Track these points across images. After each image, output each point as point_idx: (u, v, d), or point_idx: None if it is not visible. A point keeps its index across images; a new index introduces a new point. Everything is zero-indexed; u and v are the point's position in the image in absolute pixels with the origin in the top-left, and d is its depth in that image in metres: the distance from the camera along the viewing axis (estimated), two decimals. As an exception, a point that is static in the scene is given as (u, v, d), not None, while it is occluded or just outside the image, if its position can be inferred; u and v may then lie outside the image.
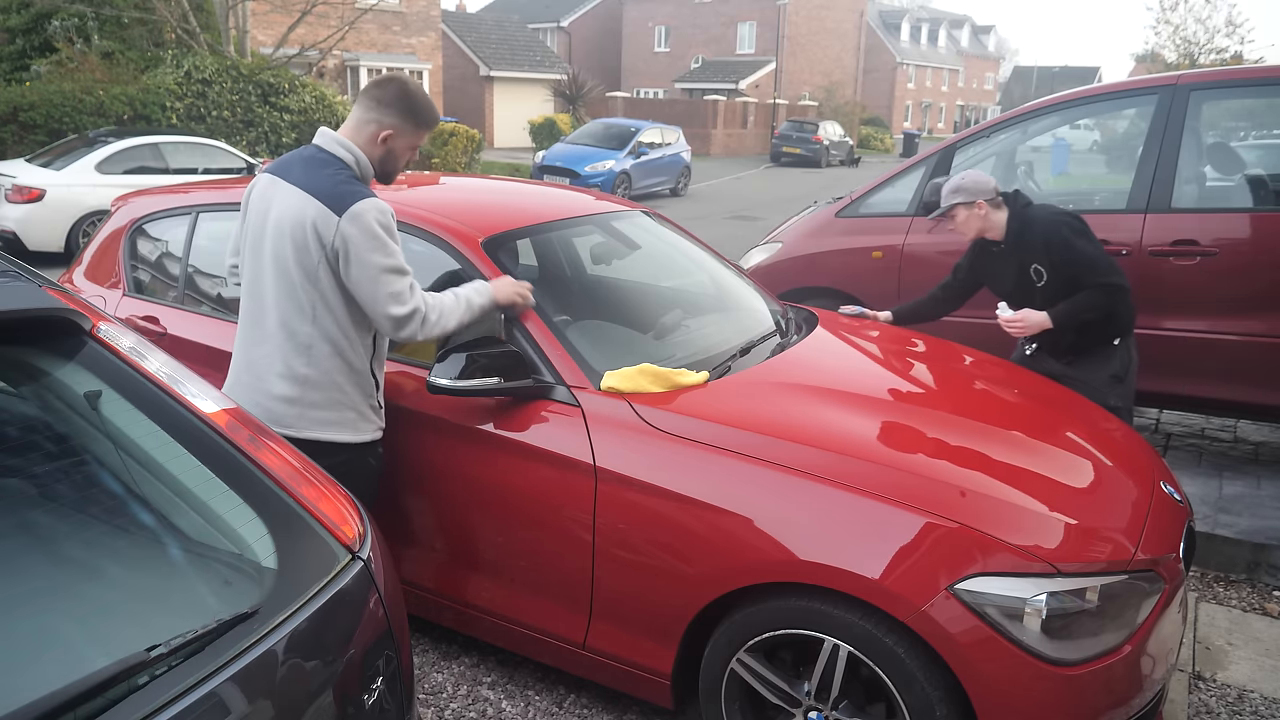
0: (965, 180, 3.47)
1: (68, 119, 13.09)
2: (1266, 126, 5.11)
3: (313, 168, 2.38)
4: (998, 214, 3.48)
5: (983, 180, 3.47)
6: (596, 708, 2.72)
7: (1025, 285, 3.47)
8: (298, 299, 2.36)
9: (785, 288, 4.94)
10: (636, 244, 3.61)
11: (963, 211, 3.49)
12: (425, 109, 2.46)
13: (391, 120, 2.41)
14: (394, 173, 2.51)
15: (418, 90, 2.46)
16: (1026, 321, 3.40)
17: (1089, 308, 3.33)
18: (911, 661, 2.04)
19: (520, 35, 36.11)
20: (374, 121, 2.41)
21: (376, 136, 2.41)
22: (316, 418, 2.39)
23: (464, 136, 20.56)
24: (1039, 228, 3.39)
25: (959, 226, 3.55)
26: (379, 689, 1.46)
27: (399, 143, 2.44)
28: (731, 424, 2.38)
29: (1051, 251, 3.37)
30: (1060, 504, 2.26)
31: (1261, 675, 3.00)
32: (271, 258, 2.38)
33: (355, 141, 2.42)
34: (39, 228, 9.55)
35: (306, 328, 2.37)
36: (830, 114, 39.10)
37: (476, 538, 2.67)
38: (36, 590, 1.20)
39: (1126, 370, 3.47)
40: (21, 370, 1.49)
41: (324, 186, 2.32)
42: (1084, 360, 3.47)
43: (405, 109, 2.42)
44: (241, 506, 1.44)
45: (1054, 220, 3.40)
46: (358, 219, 2.27)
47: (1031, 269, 3.43)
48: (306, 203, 2.31)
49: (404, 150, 2.47)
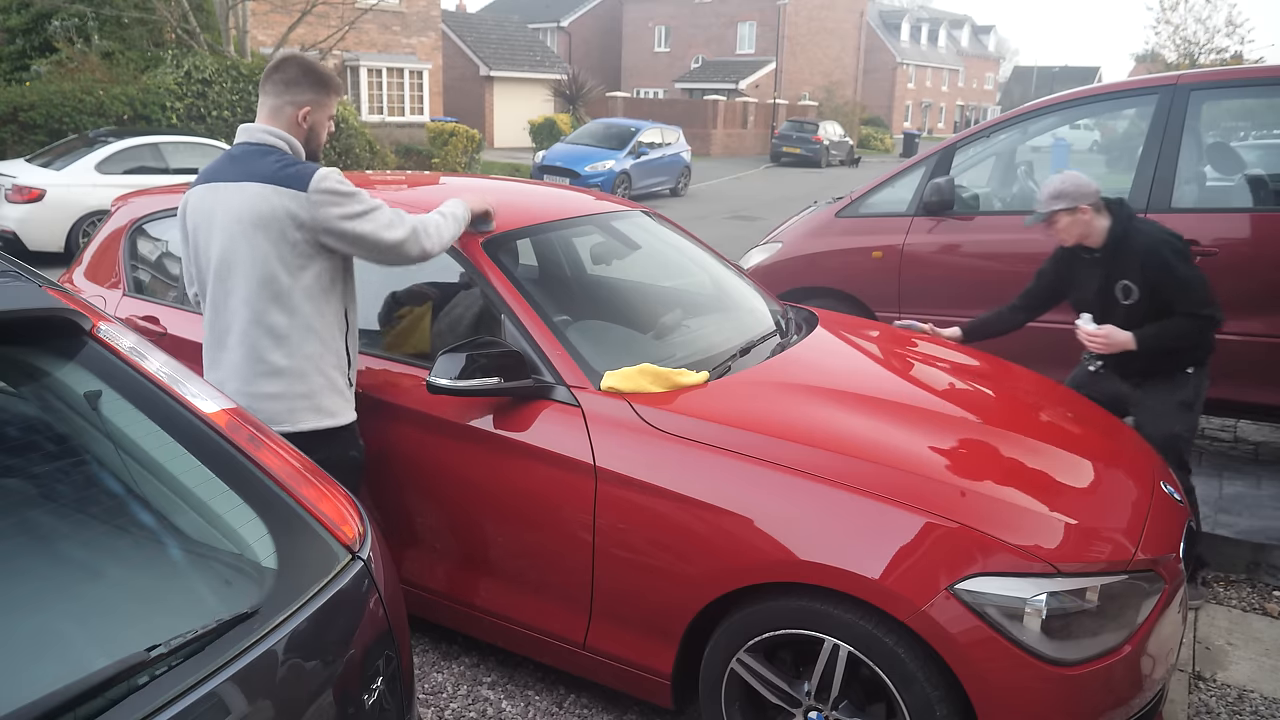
0: (1066, 184, 3.22)
1: (68, 119, 13.09)
2: (1266, 126, 5.12)
3: (252, 160, 2.35)
4: (1100, 219, 3.25)
5: (1085, 183, 3.22)
6: (596, 708, 2.72)
7: (1109, 300, 3.27)
8: (272, 290, 2.32)
9: (785, 288, 4.94)
10: (636, 244, 3.61)
11: (1065, 218, 3.25)
12: (328, 75, 2.48)
13: (306, 96, 2.41)
14: (319, 148, 2.50)
15: (315, 60, 2.49)
16: (1110, 340, 3.19)
17: (1179, 335, 3.15)
18: (911, 661, 2.04)
19: (520, 35, 36.10)
20: (289, 104, 2.40)
21: (296, 117, 2.41)
22: (304, 406, 2.38)
23: (464, 136, 20.58)
24: (1140, 242, 3.18)
25: (1059, 233, 3.32)
26: (379, 689, 1.46)
27: (317, 116, 2.45)
28: (731, 424, 2.38)
29: (1148, 271, 3.16)
30: (1060, 504, 2.26)
31: (1261, 675, 3.00)
32: (234, 258, 2.33)
33: (280, 128, 2.41)
34: (39, 228, 9.55)
35: (283, 319, 2.34)
36: (830, 114, 39.10)
37: (476, 538, 2.67)
38: (36, 590, 1.20)
39: (1195, 399, 3.27)
40: (21, 370, 1.49)
41: (274, 172, 2.30)
42: (1153, 384, 3.29)
43: (314, 81, 2.42)
44: (241, 506, 1.44)
45: (1157, 238, 3.18)
46: (322, 185, 2.28)
47: (1120, 285, 3.23)
48: (268, 192, 2.29)
49: (323, 123, 2.48)
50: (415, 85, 24.28)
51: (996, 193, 5.19)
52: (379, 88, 23.42)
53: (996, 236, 4.71)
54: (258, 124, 2.42)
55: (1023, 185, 5.19)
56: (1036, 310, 3.61)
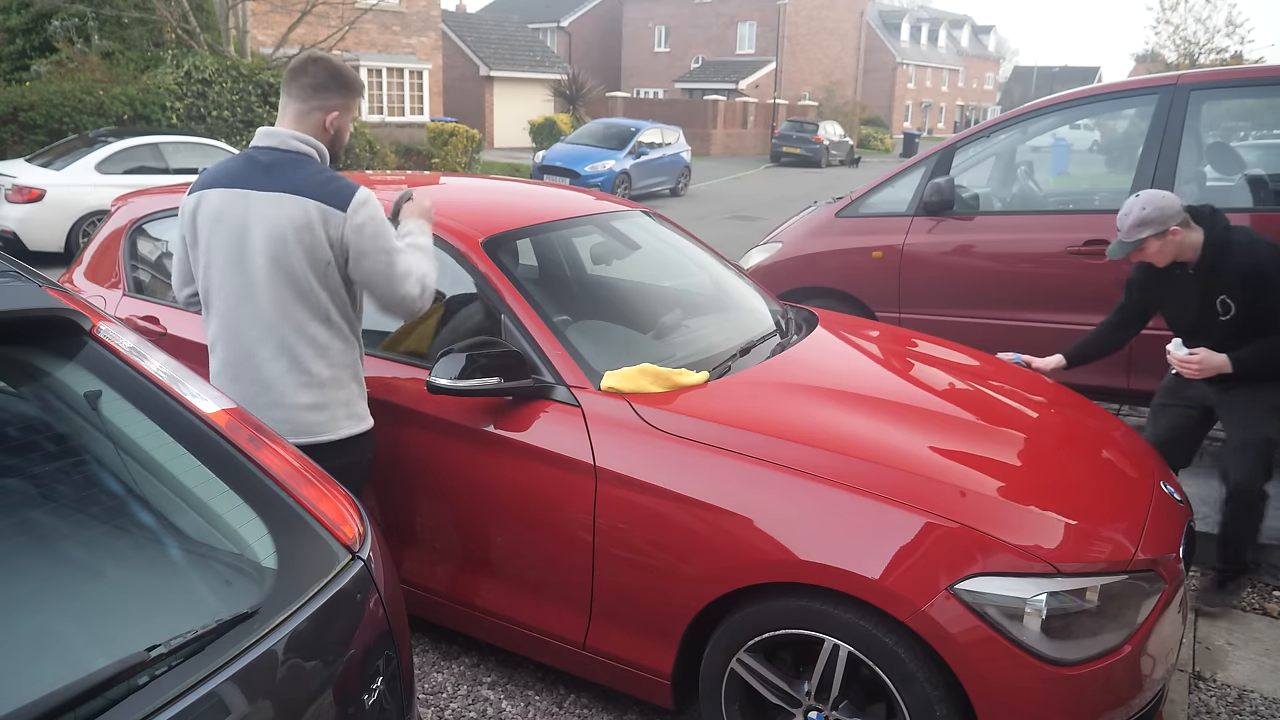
0: (1149, 209, 3.07)
1: (68, 119, 13.08)
2: (1266, 126, 5.12)
3: (289, 169, 2.29)
4: (1192, 235, 3.11)
5: (1169, 202, 3.08)
6: (596, 708, 2.72)
7: (1208, 315, 3.15)
8: (312, 303, 2.31)
9: (785, 288, 4.94)
10: (636, 244, 3.61)
11: (1155, 243, 3.10)
12: (354, 78, 2.43)
13: (334, 100, 2.36)
14: (340, 152, 2.48)
15: (339, 62, 2.42)
16: (1205, 365, 3.10)
17: (1276, 353, 3.03)
18: (911, 661, 2.04)
19: (520, 35, 36.11)
20: (317, 109, 2.34)
21: (324, 122, 2.36)
22: (343, 414, 2.39)
23: (464, 136, 20.59)
24: (1240, 257, 3.05)
25: (1152, 257, 3.17)
26: (379, 689, 1.46)
27: (343, 120, 2.41)
28: (731, 424, 2.38)
29: (1249, 286, 3.03)
30: (1060, 504, 2.25)
31: (1261, 675, 3.00)
32: (270, 269, 2.27)
33: (308, 133, 2.35)
34: (39, 228, 9.55)
35: (323, 331, 2.34)
36: (830, 114, 39.12)
37: (477, 538, 2.67)
38: (36, 590, 1.20)
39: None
40: (21, 370, 1.49)
41: (315, 186, 2.27)
42: (1243, 388, 3.17)
43: (341, 85, 2.37)
44: (241, 506, 1.43)
45: (1258, 250, 3.05)
46: (362, 210, 2.27)
47: (1219, 300, 3.10)
48: (305, 205, 2.24)
49: (347, 127, 2.45)
50: (415, 85, 24.29)
51: (997, 193, 5.19)
52: (379, 88, 23.43)
53: (997, 236, 4.71)
54: (286, 129, 2.33)
55: (1023, 185, 5.19)
56: (1135, 326, 3.47)
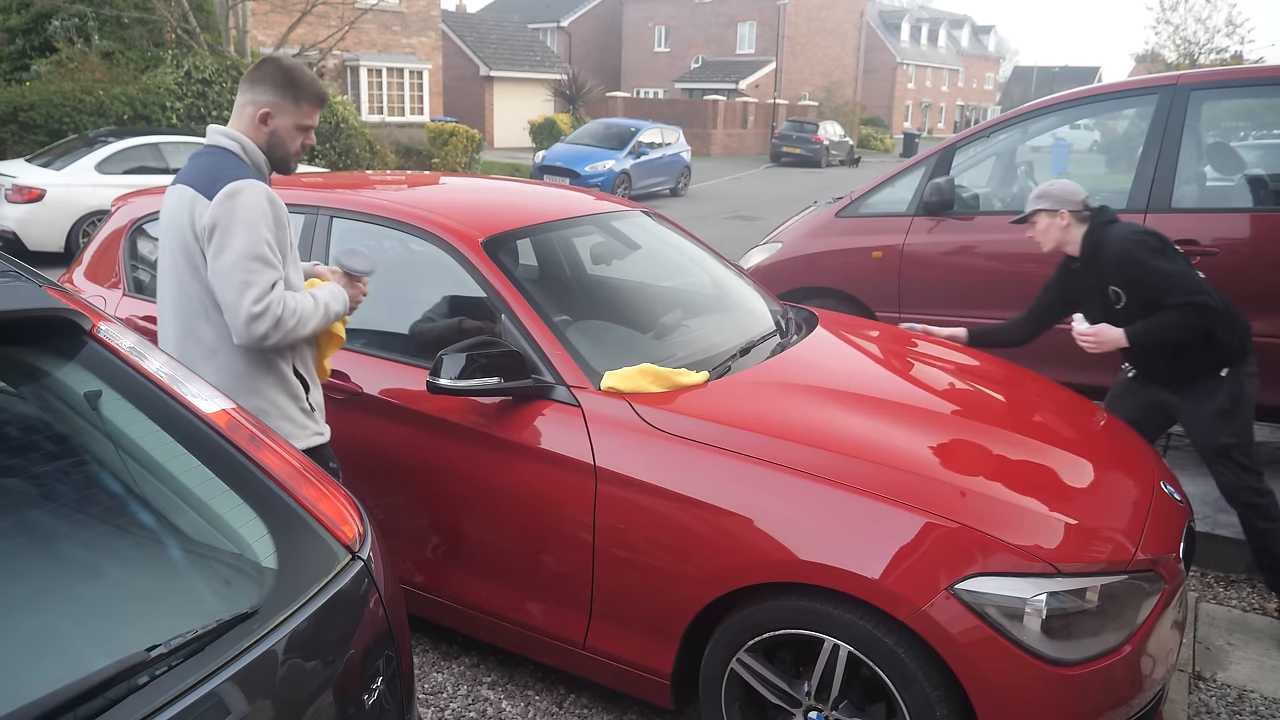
0: (1054, 188, 3.29)
1: (68, 119, 13.08)
2: (1266, 126, 5.12)
3: (195, 160, 2.26)
4: (1079, 228, 3.28)
5: (1071, 190, 3.26)
6: (596, 708, 2.72)
7: (1108, 309, 3.26)
8: (190, 298, 2.22)
9: (785, 288, 4.94)
10: (636, 244, 3.61)
11: (1044, 219, 3.29)
12: (303, 81, 2.29)
13: (267, 97, 2.26)
14: (287, 158, 2.33)
15: (295, 65, 2.32)
16: (1100, 337, 3.19)
17: (1168, 326, 3.08)
18: (911, 661, 2.04)
19: (520, 35, 36.10)
20: (250, 103, 2.28)
21: (255, 118, 2.27)
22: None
23: (464, 136, 20.58)
24: (1113, 246, 3.18)
25: (1038, 234, 3.35)
26: (379, 689, 1.46)
27: (281, 122, 2.28)
28: (731, 424, 2.38)
29: (1126, 270, 3.16)
30: (1060, 504, 2.26)
31: (1261, 675, 3.00)
32: (166, 263, 2.26)
33: (238, 128, 2.28)
34: (39, 228, 9.54)
35: (207, 329, 2.22)
36: (830, 114, 39.10)
37: (476, 538, 2.67)
38: (36, 590, 1.20)
39: (1238, 403, 3.15)
40: (21, 370, 1.49)
41: (200, 174, 2.19)
42: (1191, 391, 3.23)
43: (280, 82, 2.26)
44: (241, 506, 1.43)
45: (1128, 239, 3.16)
46: (227, 199, 2.12)
47: (1109, 290, 3.23)
48: (184, 193, 2.19)
49: (290, 131, 2.30)
50: (415, 85, 24.28)
51: (996, 193, 5.19)
52: (379, 88, 23.43)
53: (997, 236, 4.71)
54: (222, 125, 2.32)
55: (1023, 185, 5.19)
56: (1044, 323, 3.60)
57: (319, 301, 2.25)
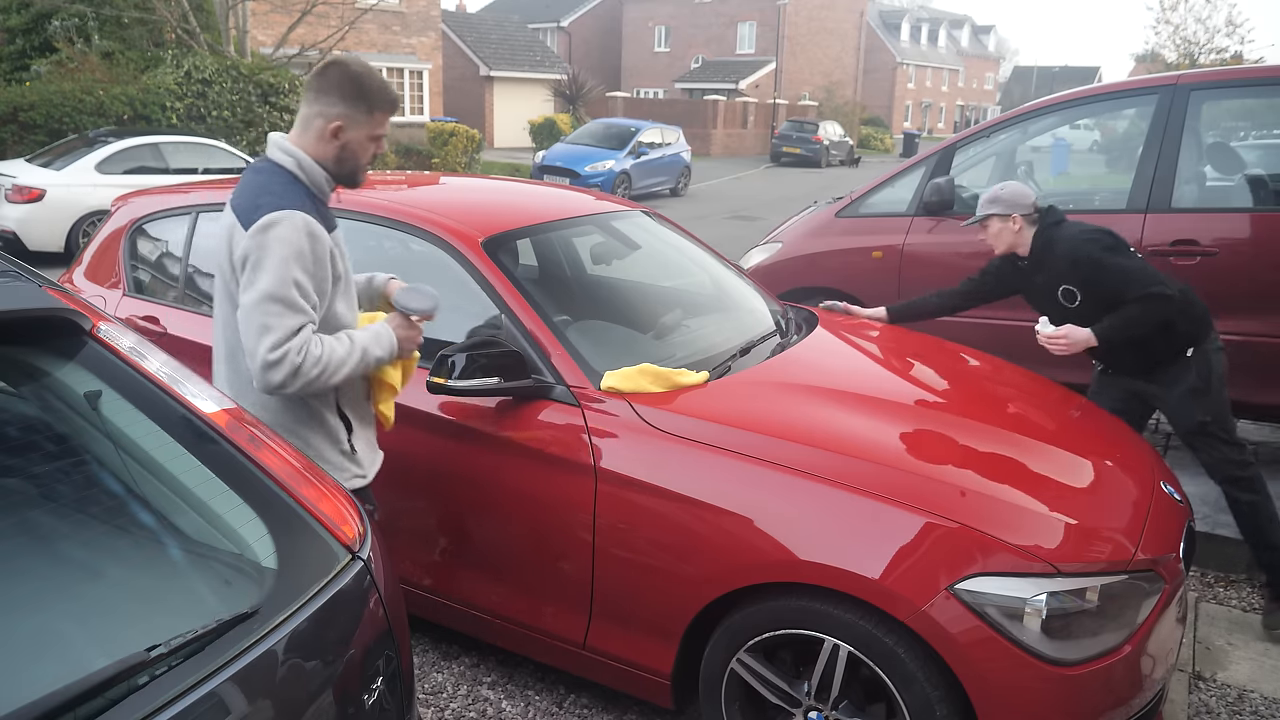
0: (1005, 191, 3.32)
1: (68, 119, 13.08)
2: (1266, 126, 5.12)
3: (245, 178, 2.11)
4: (1029, 231, 3.33)
5: (1022, 194, 3.31)
6: (596, 708, 2.72)
7: (1060, 309, 3.30)
8: (233, 327, 2.09)
9: (785, 288, 4.94)
10: (636, 244, 3.61)
11: (996, 223, 3.34)
12: (376, 89, 2.10)
13: (338, 109, 2.07)
14: (356, 171, 2.16)
15: (364, 69, 2.12)
16: (1071, 339, 3.19)
17: (1133, 321, 3.11)
18: (911, 661, 2.04)
19: (520, 35, 36.10)
20: (318, 115, 2.08)
21: (325, 131, 2.08)
22: None
23: (464, 136, 20.57)
24: (1063, 248, 3.22)
25: (990, 238, 3.40)
26: (379, 689, 1.46)
27: (353, 134, 2.10)
28: (731, 424, 2.38)
29: (1080, 270, 3.18)
30: (1060, 504, 2.26)
31: (1261, 675, 3.00)
32: (218, 286, 2.16)
33: (302, 144, 2.10)
34: (39, 228, 9.54)
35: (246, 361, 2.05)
36: (830, 114, 39.10)
37: (476, 538, 2.67)
38: (36, 590, 1.20)
39: (1207, 381, 3.17)
40: (21, 370, 1.49)
41: (244, 197, 2.05)
42: (1161, 375, 3.26)
43: (350, 93, 2.07)
44: (241, 506, 1.43)
45: (1079, 239, 3.20)
46: (260, 232, 1.96)
47: (1060, 291, 3.27)
48: (228, 219, 2.05)
49: (362, 142, 2.12)
50: (415, 85, 24.29)
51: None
52: (379, 88, 23.42)
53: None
54: (282, 135, 2.14)
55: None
56: (967, 302, 3.70)
57: (355, 345, 2.08)
